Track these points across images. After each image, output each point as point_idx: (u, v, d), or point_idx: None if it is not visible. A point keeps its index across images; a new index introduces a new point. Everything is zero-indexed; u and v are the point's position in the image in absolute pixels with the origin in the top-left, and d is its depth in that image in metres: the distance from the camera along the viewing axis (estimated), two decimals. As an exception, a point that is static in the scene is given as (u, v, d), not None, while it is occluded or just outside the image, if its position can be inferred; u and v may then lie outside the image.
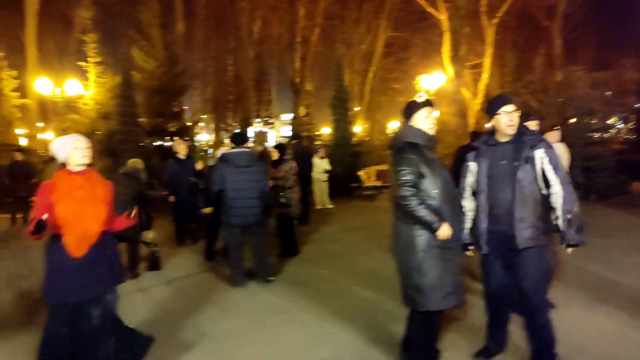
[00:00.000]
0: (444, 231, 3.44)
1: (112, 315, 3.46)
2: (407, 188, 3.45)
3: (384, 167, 18.14)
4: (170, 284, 6.47)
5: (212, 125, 41.96)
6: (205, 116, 40.53)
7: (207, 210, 7.35)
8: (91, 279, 3.27)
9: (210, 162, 8.01)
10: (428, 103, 3.69)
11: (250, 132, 34.52)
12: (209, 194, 7.37)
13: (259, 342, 4.41)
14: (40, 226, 3.10)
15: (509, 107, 3.67)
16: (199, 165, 8.59)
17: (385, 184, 16.07)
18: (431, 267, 3.49)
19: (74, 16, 30.28)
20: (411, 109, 3.73)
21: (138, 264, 6.85)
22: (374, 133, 38.82)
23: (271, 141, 39.88)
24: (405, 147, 3.59)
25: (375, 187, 16.63)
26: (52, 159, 7.46)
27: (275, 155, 7.50)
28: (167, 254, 7.76)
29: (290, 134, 26.20)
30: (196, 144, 21.87)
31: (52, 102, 26.99)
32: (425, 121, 3.67)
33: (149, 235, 7.03)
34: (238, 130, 19.04)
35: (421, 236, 3.50)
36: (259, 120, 43.32)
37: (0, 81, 19.77)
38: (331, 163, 13.86)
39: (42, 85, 21.03)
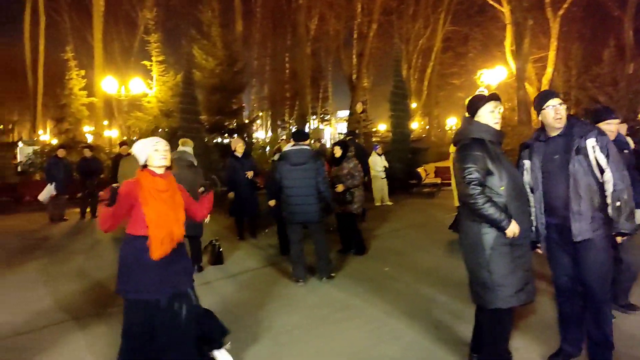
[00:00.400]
0: (512, 229, 3.35)
1: (193, 309, 3.53)
2: (473, 186, 3.38)
3: (442, 163, 17.84)
4: (233, 278, 6.58)
5: (269, 123, 42.52)
6: (261, 114, 41.08)
7: (272, 202, 7.41)
8: (169, 276, 3.34)
9: (275, 158, 8.02)
10: (494, 97, 3.60)
11: (306, 129, 34.69)
12: (272, 188, 7.48)
13: (322, 337, 4.41)
14: (114, 196, 3.24)
15: (555, 101, 3.60)
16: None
17: (445, 181, 15.80)
18: (499, 265, 3.40)
19: (138, 17, 31.38)
20: (476, 103, 3.64)
21: (201, 258, 7.01)
22: (431, 129, 38.36)
23: (327, 138, 40.04)
24: (471, 143, 3.50)
25: (434, 184, 16.37)
26: (126, 155, 7.73)
27: (338, 152, 7.45)
28: (228, 249, 7.91)
29: (346, 130, 26.21)
30: (253, 141, 22.18)
31: (117, 100, 28.12)
32: (490, 116, 3.57)
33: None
34: (297, 128, 19.22)
35: (488, 234, 3.42)
36: (315, 117, 43.50)
37: (69, 81, 20.66)
38: (389, 160, 13.75)
39: (108, 84, 21.87)
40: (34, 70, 29.08)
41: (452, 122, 47.25)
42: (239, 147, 8.76)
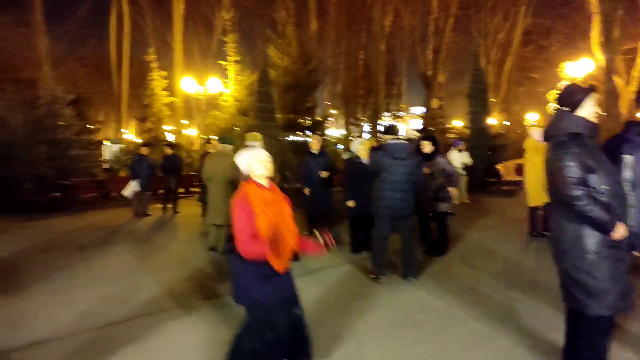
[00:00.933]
0: (620, 231, 3.09)
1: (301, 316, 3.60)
2: (576, 186, 3.14)
3: (523, 161, 17.11)
4: (310, 275, 6.57)
5: (342, 120, 42.51)
6: (335, 111, 41.16)
7: (351, 204, 7.35)
8: (284, 283, 3.40)
9: (345, 156, 7.95)
10: (593, 89, 3.35)
11: (379, 126, 34.37)
12: (350, 187, 7.41)
13: (403, 339, 4.29)
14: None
15: None
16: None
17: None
18: (604, 270, 3.16)
19: (216, 19, 32.29)
20: (576, 95, 3.38)
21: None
22: (511, 125, 36.94)
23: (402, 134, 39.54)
24: (570, 139, 3.27)
25: (514, 182, 15.75)
26: (214, 153, 7.88)
27: (427, 147, 7.20)
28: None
29: (419, 127, 25.73)
30: (326, 138, 22.25)
31: (196, 100, 29.07)
32: (590, 109, 3.33)
33: None
34: (390, 123, 19.03)
35: (590, 237, 3.18)
36: (389, 114, 43.02)
37: (151, 81, 21.54)
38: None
39: (187, 84, 22.62)
40: (119, 72, 30.61)
41: (533, 118, 45.35)
42: (313, 144, 8.74)
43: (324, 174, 8.37)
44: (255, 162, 3.37)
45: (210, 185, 7.31)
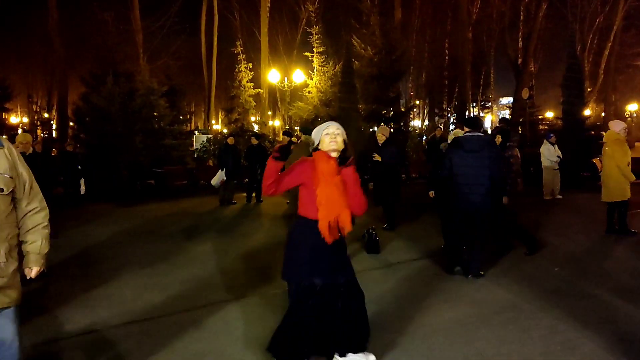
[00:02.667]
0: None
1: (356, 298, 3.51)
2: None
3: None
4: (389, 268, 6.49)
5: (426, 111, 41.75)
6: (419, 102, 40.45)
7: (432, 194, 7.20)
8: (337, 263, 3.38)
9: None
10: None
11: (465, 116, 33.41)
12: (433, 177, 7.27)
13: (484, 339, 4.11)
14: (284, 152, 3.37)
15: None
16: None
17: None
18: None
19: (301, 11, 32.62)
20: None
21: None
22: (608, 116, 34.67)
23: (488, 126, 38.19)
24: None
25: (611, 177, 14.73)
26: (299, 143, 8.00)
27: (498, 140, 6.92)
28: (382, 239, 7.81)
29: (509, 117, 24.70)
30: (410, 129, 21.89)
31: (281, 91, 29.59)
32: None
33: None
34: (469, 116, 18.45)
35: None
36: (475, 104, 41.72)
37: (238, 73, 22.10)
38: (560, 149, 12.64)
39: (272, 76, 23.07)
40: (209, 65, 31.72)
41: (633, 108, 42.28)
42: (378, 136, 8.69)
43: (377, 157, 8.40)
44: (323, 135, 3.41)
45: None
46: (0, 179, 2.65)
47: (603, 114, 37.30)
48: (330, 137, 3.37)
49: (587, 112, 26.90)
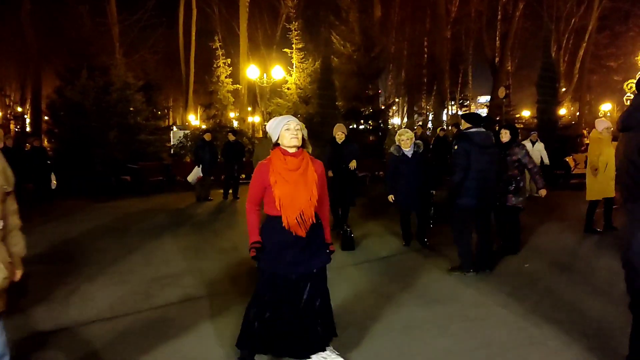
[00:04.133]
0: None
1: (323, 292, 3.56)
2: None
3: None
4: (363, 264, 6.54)
5: (405, 108, 41.97)
6: (398, 99, 40.63)
7: (391, 198, 7.23)
8: (303, 256, 3.38)
9: (393, 150, 7.58)
10: None
11: (444, 115, 33.69)
12: (391, 180, 7.25)
13: (454, 336, 4.16)
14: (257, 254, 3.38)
15: None
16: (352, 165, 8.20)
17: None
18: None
19: (281, 6, 32.49)
20: None
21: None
22: (582, 116, 35.26)
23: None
24: None
25: (584, 176, 14.99)
26: (263, 139, 7.99)
27: (505, 136, 6.87)
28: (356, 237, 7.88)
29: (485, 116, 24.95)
30: (388, 127, 21.96)
31: (260, 87, 29.46)
32: None
33: None
34: (469, 112, 18.52)
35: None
36: (454, 102, 42.04)
37: (217, 69, 21.95)
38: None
39: (251, 71, 22.94)
40: (187, 60, 31.43)
41: (607, 108, 43.06)
42: (337, 134, 8.27)
43: (353, 164, 8.14)
44: (284, 130, 3.37)
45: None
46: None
47: (578, 114, 37.92)
48: (290, 132, 3.35)
49: (562, 111, 27.34)
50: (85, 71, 15.46)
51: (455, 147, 5.86)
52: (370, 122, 19.22)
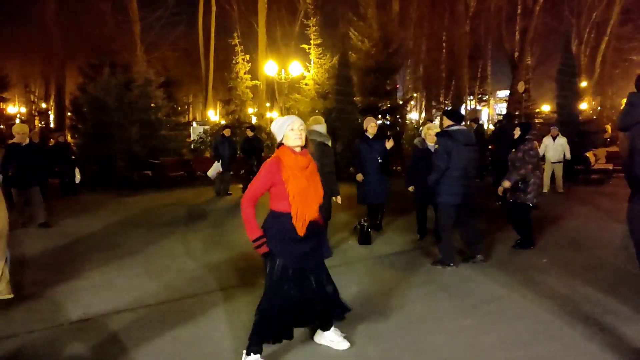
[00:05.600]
0: None
1: (329, 277, 3.74)
2: None
3: (615, 148, 16.07)
4: (378, 258, 6.56)
5: (423, 104, 41.71)
6: (416, 94, 40.39)
7: (411, 189, 7.31)
8: (309, 250, 3.51)
9: (417, 142, 7.57)
10: None
11: (462, 110, 33.41)
12: (411, 172, 7.31)
13: (471, 329, 4.18)
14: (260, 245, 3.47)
15: None
16: (389, 144, 7.81)
17: (617, 167, 14.21)
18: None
19: (299, 2, 32.49)
20: None
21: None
22: (604, 110, 34.72)
23: (485, 119, 38.14)
24: None
25: (605, 171, 14.81)
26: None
27: (516, 133, 6.82)
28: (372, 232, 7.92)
29: (505, 111, 24.73)
30: (406, 122, 21.88)
31: (278, 83, 29.55)
32: None
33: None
34: (451, 108, 18.40)
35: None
36: (472, 97, 41.69)
37: (236, 65, 22.05)
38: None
39: (270, 67, 23.02)
40: (206, 56, 31.63)
41: (630, 103, 42.25)
42: (370, 127, 8.03)
43: (390, 143, 7.85)
44: (288, 130, 3.47)
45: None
46: None
47: (599, 108, 37.35)
48: (295, 133, 3.45)
49: (583, 105, 26.94)
50: (107, 68, 15.69)
51: (436, 145, 5.98)
52: (388, 117, 19.15)
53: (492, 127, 23.80)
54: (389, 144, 7.74)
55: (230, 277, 5.80)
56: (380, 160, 7.78)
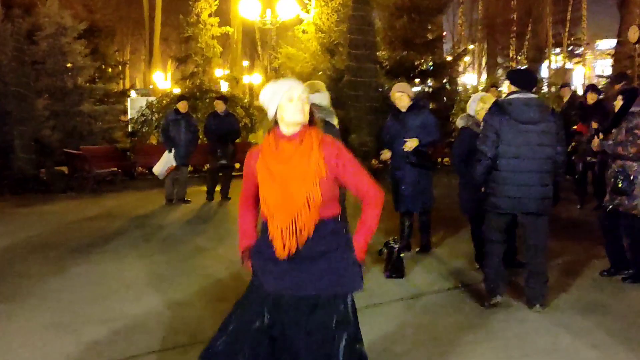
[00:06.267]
0: None
1: (333, 329, 3.43)
2: None
3: None
4: (416, 299, 6.57)
5: (483, 60, 41.70)
6: (472, 47, 40.36)
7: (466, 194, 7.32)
8: (299, 276, 3.39)
9: (460, 122, 7.52)
10: None
11: (543, 69, 33.33)
12: (463, 169, 7.27)
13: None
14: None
15: None
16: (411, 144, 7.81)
17: None
18: None
19: None
20: None
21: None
22: None
23: (578, 83, 38.09)
24: None
25: None
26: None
27: (617, 104, 6.81)
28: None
29: (611, 71, 24.63)
30: (458, 89, 21.83)
31: (261, 31, 29.53)
32: None
33: None
34: (521, 67, 18.22)
35: None
36: (559, 50, 41.59)
37: (195, 3, 21.99)
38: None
39: (248, 6, 22.98)
40: (151, -10, 31.67)
41: None
42: (395, 97, 8.07)
43: (412, 143, 7.87)
44: (285, 101, 3.39)
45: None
46: None
47: None
48: (295, 103, 3.37)
49: None
50: (0, 8, 15.66)
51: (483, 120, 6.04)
52: (429, 81, 19.14)
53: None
54: (411, 144, 7.79)
55: (197, 328, 5.77)
56: (412, 156, 7.83)
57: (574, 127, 12.95)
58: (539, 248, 6.00)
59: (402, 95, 8.01)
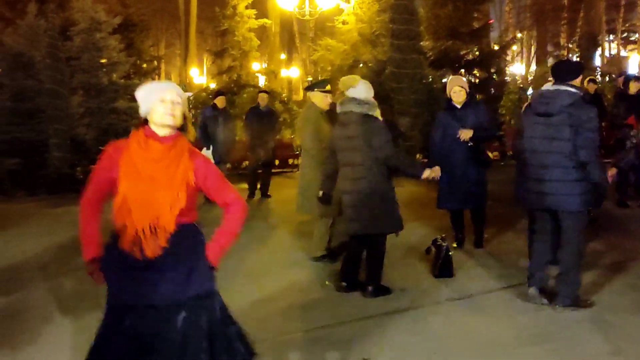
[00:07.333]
0: None
1: (199, 331, 3.53)
2: None
3: None
4: (468, 300, 6.53)
5: (533, 49, 41.32)
6: (521, 35, 40.02)
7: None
8: (158, 282, 3.43)
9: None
10: None
11: (596, 57, 32.89)
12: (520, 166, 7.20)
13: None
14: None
15: None
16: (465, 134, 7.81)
17: None
18: None
19: None
20: None
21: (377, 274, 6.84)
22: None
23: (633, 71, 37.56)
24: None
25: None
26: (308, 103, 8.02)
27: None
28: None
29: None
30: (506, 79, 21.65)
31: (300, 22, 29.56)
32: None
33: None
34: (563, 59, 17.96)
35: None
36: (614, 37, 41.04)
37: (232, -6, 22.11)
38: None
39: (286, -1, 23.02)
40: (186, -16, 31.88)
41: None
42: (454, 92, 8.04)
43: (466, 133, 7.83)
44: (157, 101, 3.46)
45: (303, 157, 7.47)
46: None
47: None
48: (165, 106, 3.45)
49: None
50: (33, 5, 15.84)
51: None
52: (476, 72, 19.01)
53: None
54: (466, 134, 7.78)
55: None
56: (471, 144, 7.77)
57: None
58: (565, 247, 6.00)
59: (461, 90, 8.02)
